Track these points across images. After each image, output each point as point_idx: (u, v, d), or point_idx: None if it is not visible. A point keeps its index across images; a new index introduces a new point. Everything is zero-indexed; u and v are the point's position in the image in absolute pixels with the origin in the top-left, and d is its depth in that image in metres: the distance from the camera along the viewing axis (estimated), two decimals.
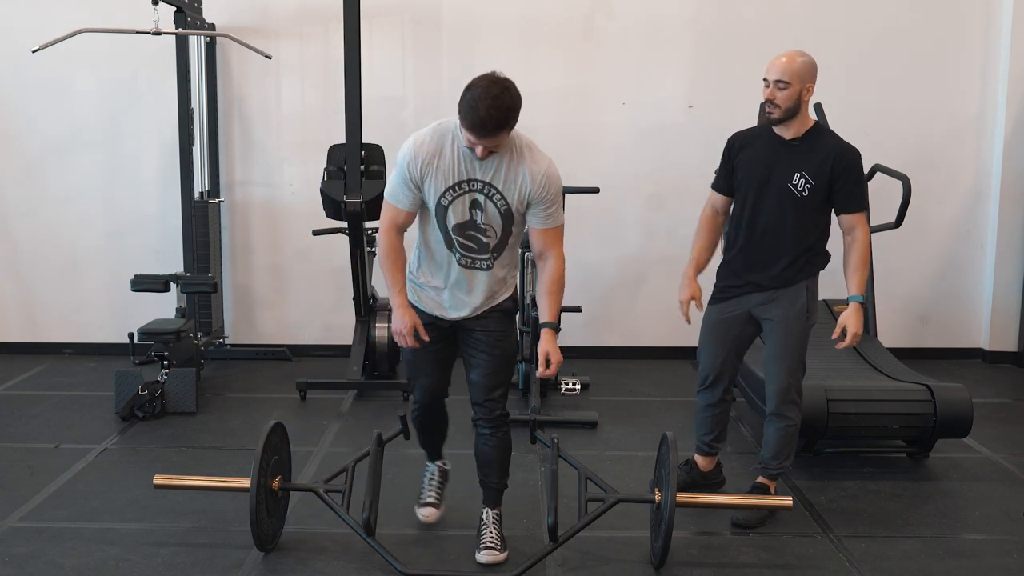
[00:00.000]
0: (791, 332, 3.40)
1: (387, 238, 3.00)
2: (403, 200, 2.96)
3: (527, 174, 2.89)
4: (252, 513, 3.01)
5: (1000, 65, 5.70)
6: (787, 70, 3.24)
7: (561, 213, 3.01)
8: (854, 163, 3.29)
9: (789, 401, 3.46)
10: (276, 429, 3.21)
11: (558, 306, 3.05)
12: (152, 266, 5.69)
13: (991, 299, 5.88)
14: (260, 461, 3.05)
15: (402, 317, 2.98)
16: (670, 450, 3.04)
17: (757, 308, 3.46)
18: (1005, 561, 3.24)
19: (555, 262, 3.01)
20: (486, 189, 2.90)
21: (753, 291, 3.45)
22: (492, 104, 2.68)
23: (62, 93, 5.76)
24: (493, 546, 3.15)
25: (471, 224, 2.93)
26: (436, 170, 2.89)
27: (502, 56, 5.74)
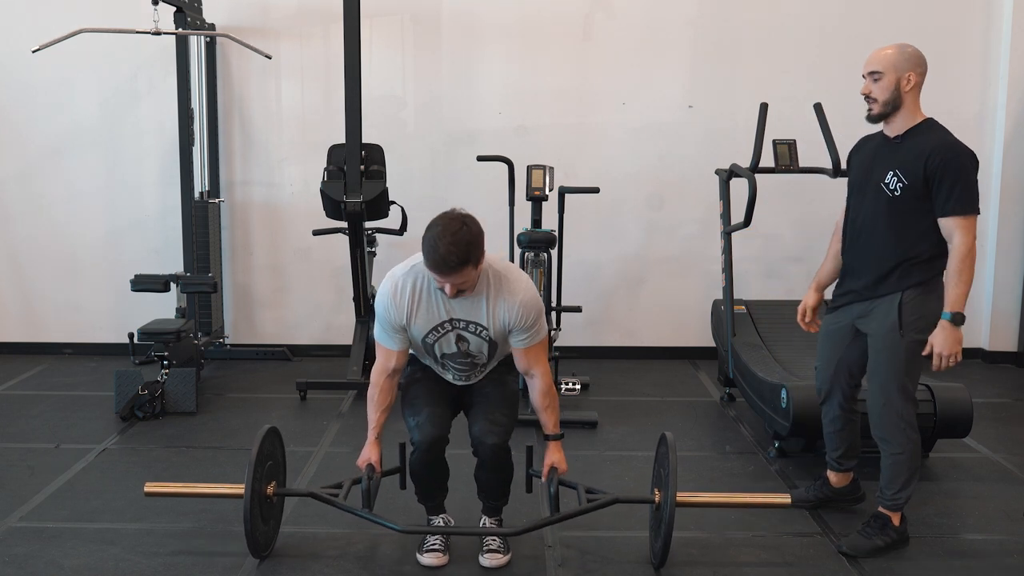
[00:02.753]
0: (883, 349, 3.15)
1: (377, 380, 3.08)
2: (391, 343, 3.04)
3: (504, 309, 2.93)
4: (246, 522, 2.98)
5: (1000, 65, 5.70)
6: (878, 60, 3.05)
7: (543, 328, 3.04)
8: (951, 161, 2.97)
9: (888, 424, 3.17)
10: (270, 434, 3.17)
11: (556, 416, 3.13)
12: (152, 266, 5.70)
13: (991, 299, 5.88)
14: (254, 468, 3.00)
15: (366, 451, 3.12)
16: (669, 450, 3.03)
17: (858, 320, 3.24)
18: (1005, 561, 3.23)
19: (542, 379, 3.06)
20: (469, 327, 2.96)
21: (854, 300, 3.24)
22: (451, 241, 2.70)
23: (62, 93, 5.76)
24: (496, 548, 3.15)
25: (460, 354, 3.03)
26: (416, 315, 2.95)
27: (502, 56, 5.75)
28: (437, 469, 3.16)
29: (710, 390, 5.31)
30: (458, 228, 2.72)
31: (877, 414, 3.21)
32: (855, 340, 3.29)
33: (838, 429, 3.46)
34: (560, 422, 3.19)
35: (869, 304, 3.19)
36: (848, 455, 3.49)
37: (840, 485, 3.55)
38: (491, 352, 3.05)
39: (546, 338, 3.08)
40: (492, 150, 5.18)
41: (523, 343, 3.00)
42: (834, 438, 3.49)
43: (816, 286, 3.50)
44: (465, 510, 3.40)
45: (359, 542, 3.31)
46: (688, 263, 5.91)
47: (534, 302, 2.97)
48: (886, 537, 3.24)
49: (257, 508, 3.03)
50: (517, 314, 2.93)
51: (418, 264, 2.92)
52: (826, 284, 3.49)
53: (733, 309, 4.99)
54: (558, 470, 3.11)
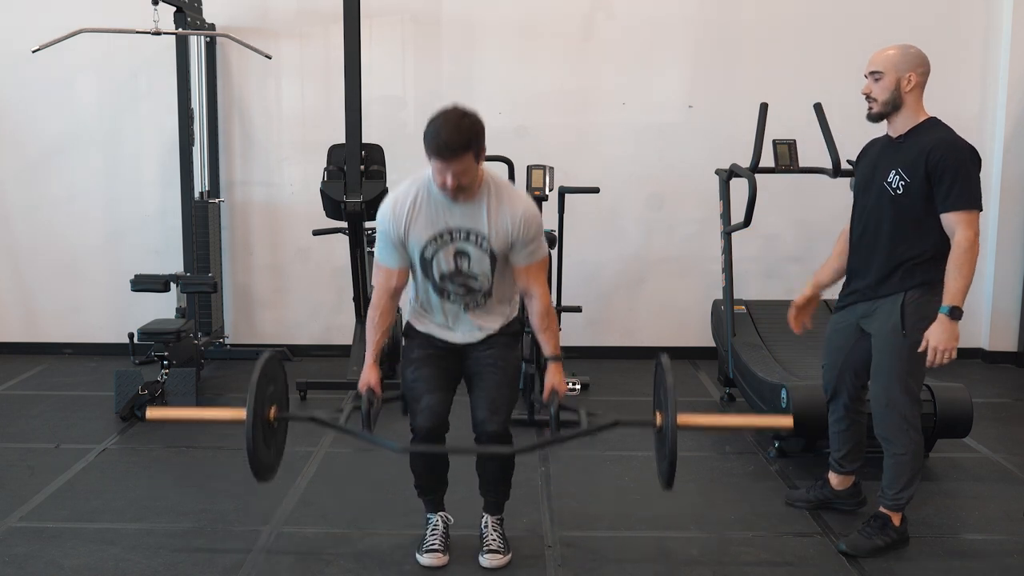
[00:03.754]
0: (886, 349, 3.14)
1: (377, 300, 3.06)
2: (391, 259, 3.01)
3: (507, 216, 2.91)
4: (249, 444, 2.88)
5: (1000, 65, 5.71)
6: (879, 60, 3.06)
7: (544, 247, 3.03)
8: (952, 156, 2.98)
9: (890, 425, 3.17)
10: (272, 359, 3.08)
11: (556, 337, 3.10)
12: (152, 266, 5.70)
13: (991, 299, 5.89)
14: (256, 390, 2.91)
15: (365, 375, 3.08)
16: (665, 372, 2.92)
17: (862, 320, 3.23)
18: (1005, 561, 3.23)
19: (541, 299, 3.04)
20: (470, 236, 2.92)
21: (858, 300, 3.23)
22: (454, 126, 2.72)
23: (62, 93, 5.76)
24: (496, 549, 3.15)
25: (458, 273, 2.97)
26: (415, 223, 2.92)
27: (502, 56, 5.75)
28: (437, 460, 3.16)
29: (710, 390, 5.31)
30: (460, 116, 2.74)
31: (880, 414, 3.20)
32: (860, 340, 3.28)
33: (843, 429, 3.46)
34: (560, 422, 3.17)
35: (872, 304, 3.19)
36: (851, 457, 3.48)
37: (841, 488, 3.55)
38: (492, 272, 2.97)
39: (546, 258, 3.08)
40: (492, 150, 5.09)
41: (524, 260, 2.98)
42: (838, 438, 3.48)
43: (814, 284, 3.48)
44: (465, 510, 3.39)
45: (360, 542, 3.31)
46: (688, 263, 5.91)
47: (536, 216, 2.96)
48: (886, 537, 3.24)
49: (260, 431, 2.92)
50: (520, 224, 2.91)
51: (419, 176, 2.93)
52: (823, 284, 3.47)
53: (733, 309, 4.99)
54: (559, 392, 3.07)
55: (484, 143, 2.81)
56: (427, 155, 2.78)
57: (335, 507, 3.61)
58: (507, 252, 2.97)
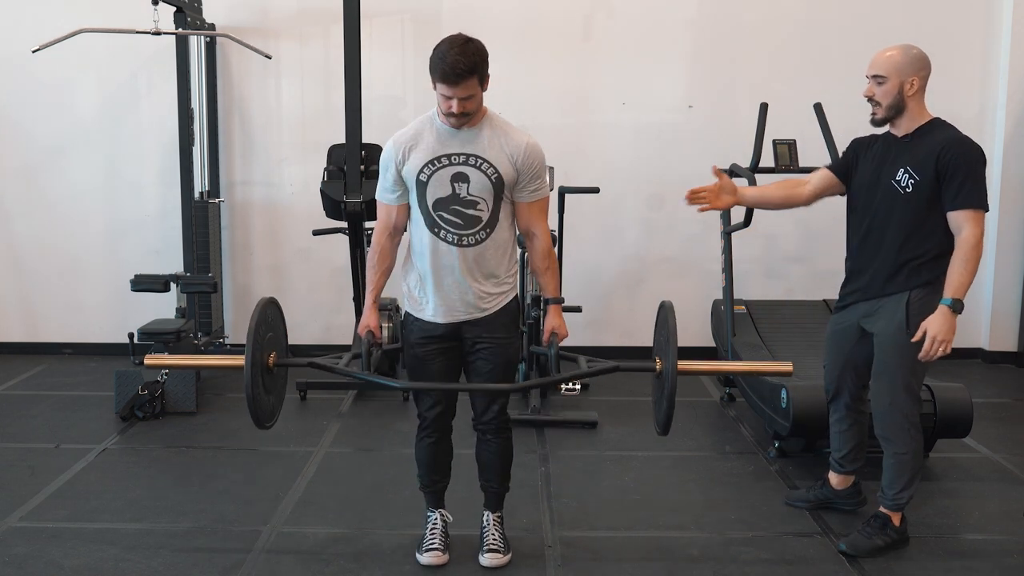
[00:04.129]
0: (889, 348, 3.14)
1: (378, 239, 3.03)
2: (390, 193, 2.98)
3: (512, 145, 2.90)
4: (248, 390, 2.84)
5: (1000, 65, 5.71)
6: (882, 64, 3.05)
7: (547, 186, 3.02)
8: (961, 155, 2.99)
9: (892, 424, 3.17)
10: (271, 304, 3.02)
11: (556, 280, 3.10)
12: (152, 266, 5.70)
13: (991, 299, 5.88)
14: (254, 336, 2.85)
15: (365, 317, 3.06)
16: (668, 316, 2.91)
17: (864, 319, 3.23)
18: (1005, 561, 3.23)
19: (542, 238, 3.02)
20: (472, 160, 2.88)
21: (860, 300, 3.23)
22: (460, 51, 2.72)
23: (62, 93, 5.77)
24: (496, 548, 3.15)
25: (454, 198, 2.89)
26: (415, 150, 2.90)
27: (502, 56, 5.73)
28: (442, 450, 3.16)
29: (710, 390, 5.31)
30: (465, 41, 2.75)
31: (882, 413, 3.20)
32: (861, 340, 3.28)
33: (844, 429, 3.46)
34: (560, 421, 3.17)
35: (875, 303, 3.18)
36: (852, 457, 3.48)
37: (841, 487, 3.55)
38: (495, 200, 2.90)
39: (548, 197, 3.06)
40: None
41: (527, 196, 2.95)
42: (839, 438, 3.48)
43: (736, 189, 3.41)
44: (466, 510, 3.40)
45: (360, 541, 3.31)
46: (688, 263, 5.91)
47: (539, 151, 2.95)
48: (886, 537, 3.24)
49: (259, 377, 2.89)
50: (524, 153, 2.90)
51: (424, 115, 2.95)
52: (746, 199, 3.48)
53: (733, 309, 4.99)
54: (558, 335, 3.06)
55: (488, 70, 2.81)
56: (432, 80, 2.78)
57: (335, 507, 3.61)
58: (512, 182, 2.92)
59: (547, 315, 3.11)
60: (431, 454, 3.15)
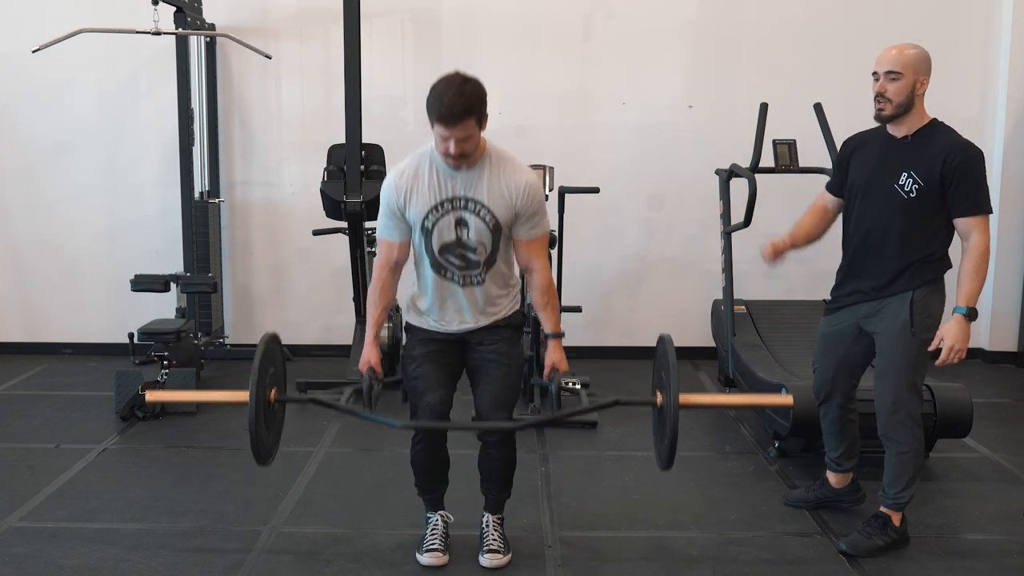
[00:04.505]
0: (894, 347, 3.13)
1: (379, 274, 3.04)
2: (392, 231, 2.98)
3: (511, 185, 2.89)
4: (252, 426, 2.85)
5: (1000, 65, 5.71)
6: (899, 60, 3.01)
7: (546, 221, 3.02)
8: (969, 161, 2.99)
9: (896, 423, 3.17)
10: (273, 341, 3.03)
11: (557, 314, 3.09)
12: (152, 266, 5.69)
13: (991, 299, 5.88)
14: (258, 373, 2.86)
15: (366, 352, 3.06)
16: (668, 351, 2.89)
17: (864, 320, 3.23)
18: (1005, 561, 3.23)
19: (541, 273, 3.03)
20: (471, 205, 2.89)
21: (860, 301, 3.22)
22: (457, 91, 2.71)
23: (62, 93, 5.77)
24: (496, 548, 3.14)
25: (458, 243, 2.93)
26: (417, 193, 2.90)
27: (502, 56, 5.75)
28: (438, 458, 3.14)
29: (710, 390, 5.30)
30: (463, 81, 2.74)
31: (887, 413, 3.20)
32: (857, 340, 3.29)
33: (839, 430, 3.46)
34: (561, 421, 3.16)
35: (878, 304, 3.18)
36: (848, 455, 3.49)
37: (840, 486, 3.55)
38: (492, 244, 2.94)
39: (547, 233, 3.05)
40: None
41: (525, 233, 2.95)
42: (834, 438, 3.48)
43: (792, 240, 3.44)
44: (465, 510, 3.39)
45: (360, 541, 3.31)
46: (688, 263, 5.91)
47: (538, 188, 2.94)
48: (886, 537, 3.24)
49: (261, 414, 2.89)
50: (523, 194, 2.89)
51: (420, 150, 2.93)
52: (798, 241, 3.44)
53: (733, 309, 4.99)
54: (559, 369, 3.06)
55: (486, 109, 2.79)
56: (430, 121, 2.77)
57: (335, 507, 3.61)
58: (510, 223, 2.93)
59: (548, 350, 3.11)
60: (427, 462, 3.14)
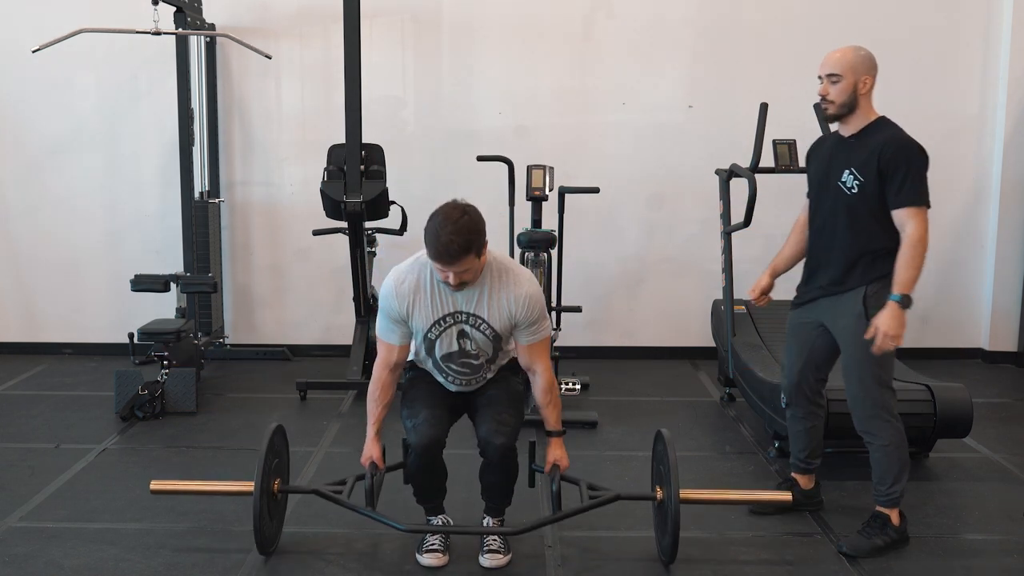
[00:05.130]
0: (853, 342, 3.18)
1: (378, 374, 3.09)
2: (392, 336, 3.04)
3: (511, 300, 2.94)
4: (256, 519, 2.99)
5: (1000, 65, 5.70)
6: (839, 63, 3.11)
7: (547, 325, 3.07)
8: (901, 153, 3.06)
9: (870, 418, 3.21)
10: (278, 432, 3.19)
11: (558, 412, 3.14)
12: (152, 266, 5.69)
13: (991, 299, 5.88)
14: (264, 464, 3.02)
15: (367, 449, 3.12)
16: (667, 447, 3.01)
17: (825, 316, 3.29)
18: (1005, 561, 3.23)
19: (543, 376, 3.08)
20: (472, 320, 2.96)
21: (820, 296, 3.28)
22: (453, 230, 2.72)
23: (62, 93, 5.76)
24: (496, 549, 3.15)
25: (461, 353, 3.01)
26: (419, 307, 2.95)
27: (502, 56, 5.75)
28: (434, 471, 3.16)
29: (710, 390, 5.31)
30: (459, 216, 2.75)
31: (859, 408, 3.24)
32: (821, 336, 3.34)
33: (808, 427, 3.50)
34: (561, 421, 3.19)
35: (836, 299, 3.24)
36: (815, 454, 3.54)
37: (808, 488, 3.58)
38: (494, 352, 3.05)
39: (548, 336, 3.10)
40: (492, 150, 5.18)
41: (526, 339, 3.02)
42: (803, 437, 3.52)
43: (770, 271, 3.55)
44: (465, 510, 3.40)
45: (360, 541, 3.31)
46: (688, 263, 5.91)
47: (538, 296, 2.99)
48: (886, 537, 3.24)
49: (265, 505, 3.03)
50: (524, 306, 2.94)
51: (422, 257, 2.95)
52: (780, 271, 3.55)
53: (733, 309, 4.99)
54: (560, 467, 3.12)
55: (484, 238, 2.82)
56: (428, 255, 2.83)
57: (335, 507, 3.60)
58: (509, 332, 3.01)
59: (549, 447, 3.15)
60: (425, 479, 3.18)
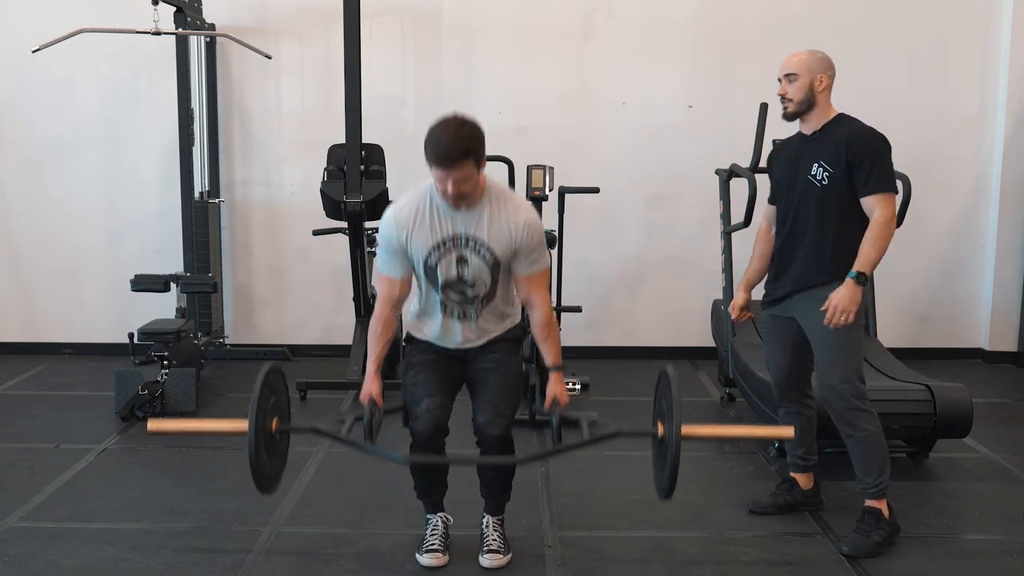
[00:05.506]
0: (828, 333, 3.19)
1: (380, 310, 3.06)
2: (394, 270, 3.01)
3: (511, 225, 2.93)
4: (251, 454, 2.87)
5: (1000, 65, 5.70)
6: (794, 63, 3.24)
7: (546, 256, 3.05)
8: (868, 143, 3.14)
9: (852, 409, 3.22)
10: (273, 371, 3.06)
11: (557, 347, 3.11)
12: (152, 266, 5.70)
13: (991, 299, 5.89)
14: (258, 402, 2.89)
15: (366, 385, 3.06)
16: (671, 383, 2.90)
17: (797, 312, 3.32)
18: (1005, 561, 3.23)
19: (541, 309, 3.05)
20: (471, 243, 2.93)
21: (791, 291, 3.32)
22: (454, 133, 2.75)
23: (62, 93, 5.77)
24: (496, 549, 3.15)
25: (459, 281, 2.97)
26: (418, 232, 2.93)
27: (502, 56, 5.75)
28: (437, 464, 3.16)
29: (710, 390, 5.31)
30: (460, 123, 2.79)
31: (840, 402, 3.24)
32: (798, 330, 3.37)
33: (801, 422, 3.51)
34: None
35: (809, 295, 3.26)
36: (812, 449, 3.56)
37: (808, 487, 3.58)
38: (492, 280, 2.98)
39: (548, 268, 3.10)
40: (492, 150, 5.06)
41: (525, 269, 2.99)
42: (796, 436, 3.52)
43: (745, 285, 3.62)
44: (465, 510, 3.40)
45: (360, 541, 3.31)
46: (688, 263, 5.91)
47: (538, 225, 2.98)
48: (882, 531, 3.26)
49: (262, 443, 2.91)
50: (523, 232, 2.93)
51: (421, 186, 2.96)
52: (754, 284, 3.61)
53: None
54: (560, 402, 3.08)
55: (484, 150, 2.84)
56: (428, 163, 2.80)
57: (335, 507, 3.62)
58: (509, 260, 2.97)
59: (549, 382, 3.13)
60: (426, 468, 3.17)
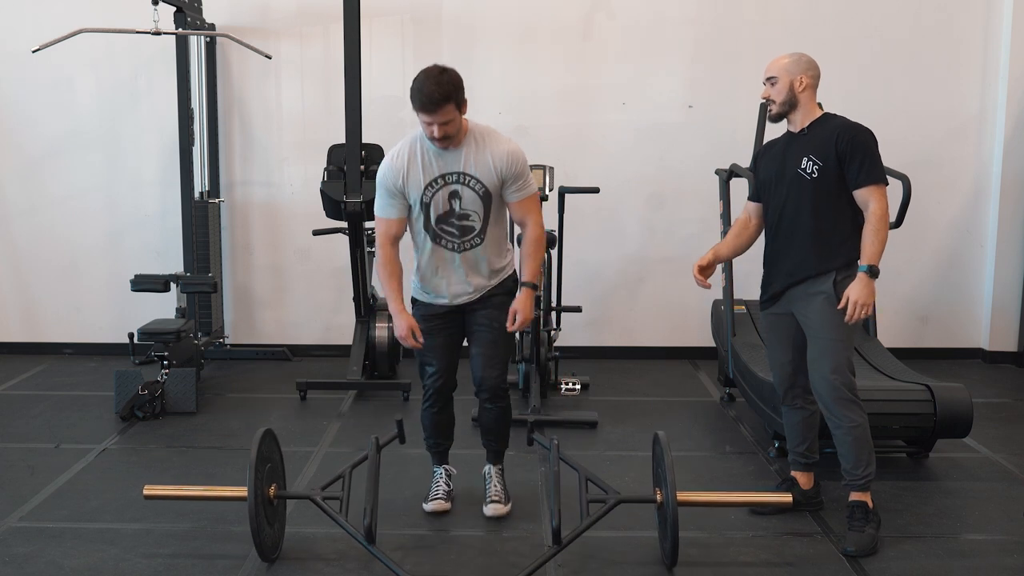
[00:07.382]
0: (823, 327, 3.28)
1: (382, 251, 3.31)
2: (391, 209, 3.28)
3: (494, 155, 3.21)
4: (252, 523, 2.97)
5: (1000, 65, 5.70)
6: (774, 66, 3.38)
7: (532, 182, 3.32)
8: (858, 137, 3.23)
9: (843, 400, 3.28)
10: (266, 436, 3.15)
11: (537, 266, 3.35)
12: (152, 266, 5.70)
13: (991, 299, 5.88)
14: (255, 471, 2.99)
15: (400, 321, 3.28)
16: (664, 450, 3.05)
17: (794, 305, 3.39)
18: (1005, 561, 3.23)
19: (532, 227, 3.32)
20: (462, 178, 3.21)
21: (786, 285, 3.40)
22: (435, 81, 3.06)
23: (62, 93, 5.77)
24: (498, 499, 3.44)
25: (451, 213, 3.24)
26: (412, 174, 3.22)
27: (502, 56, 5.75)
28: (445, 417, 3.51)
29: (710, 390, 5.31)
30: (440, 72, 3.10)
31: (831, 392, 3.29)
32: (799, 327, 3.41)
33: (804, 418, 3.54)
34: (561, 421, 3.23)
35: (804, 287, 3.34)
36: (813, 447, 3.58)
37: (808, 488, 3.59)
38: (484, 211, 3.24)
39: (536, 192, 3.35)
40: None
41: (514, 195, 3.27)
42: (800, 428, 3.56)
43: (712, 252, 3.69)
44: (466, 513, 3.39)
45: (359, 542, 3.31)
46: (688, 263, 5.80)
47: (518, 152, 3.26)
48: (873, 524, 3.30)
49: (263, 512, 3.03)
50: (505, 160, 3.21)
51: (411, 135, 3.28)
52: (721, 256, 3.70)
53: (733, 309, 4.99)
54: (520, 319, 3.27)
55: (464, 95, 3.13)
56: (414, 110, 3.11)
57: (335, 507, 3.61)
58: (498, 189, 3.24)
59: (517, 297, 3.34)
60: (435, 421, 3.49)
